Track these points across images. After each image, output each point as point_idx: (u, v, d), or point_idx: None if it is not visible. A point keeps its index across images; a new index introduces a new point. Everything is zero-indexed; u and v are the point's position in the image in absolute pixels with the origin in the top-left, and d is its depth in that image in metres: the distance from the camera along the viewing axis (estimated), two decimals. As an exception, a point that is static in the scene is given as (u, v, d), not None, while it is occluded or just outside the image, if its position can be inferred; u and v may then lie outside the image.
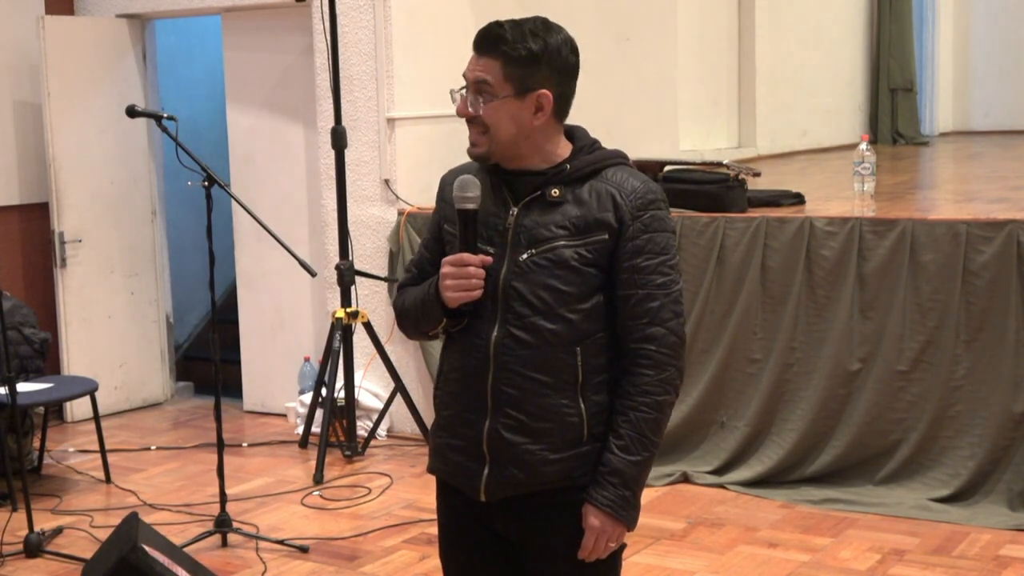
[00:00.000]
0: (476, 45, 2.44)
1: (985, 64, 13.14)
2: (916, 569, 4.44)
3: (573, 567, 2.49)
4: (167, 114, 4.76)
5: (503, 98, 2.40)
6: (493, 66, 2.40)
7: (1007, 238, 4.92)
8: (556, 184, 2.44)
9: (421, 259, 2.61)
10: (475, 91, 2.43)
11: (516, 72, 2.40)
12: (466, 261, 2.37)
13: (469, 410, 2.47)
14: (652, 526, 4.91)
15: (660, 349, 2.41)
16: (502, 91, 2.40)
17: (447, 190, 2.55)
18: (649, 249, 2.41)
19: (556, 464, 2.43)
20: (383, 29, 6.23)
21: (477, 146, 2.46)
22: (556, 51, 2.43)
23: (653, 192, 2.44)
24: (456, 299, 2.38)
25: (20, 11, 6.86)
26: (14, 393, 4.83)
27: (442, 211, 2.57)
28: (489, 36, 2.42)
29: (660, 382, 2.42)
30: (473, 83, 2.43)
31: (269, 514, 5.27)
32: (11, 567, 4.68)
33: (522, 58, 2.40)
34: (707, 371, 5.51)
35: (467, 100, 2.45)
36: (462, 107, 2.46)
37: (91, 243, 6.92)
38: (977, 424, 5.02)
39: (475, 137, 2.46)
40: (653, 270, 2.41)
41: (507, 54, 2.39)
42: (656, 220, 2.42)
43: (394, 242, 6.29)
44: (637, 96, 7.99)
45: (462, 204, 2.40)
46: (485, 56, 2.42)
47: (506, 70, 2.40)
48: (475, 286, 2.37)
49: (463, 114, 2.46)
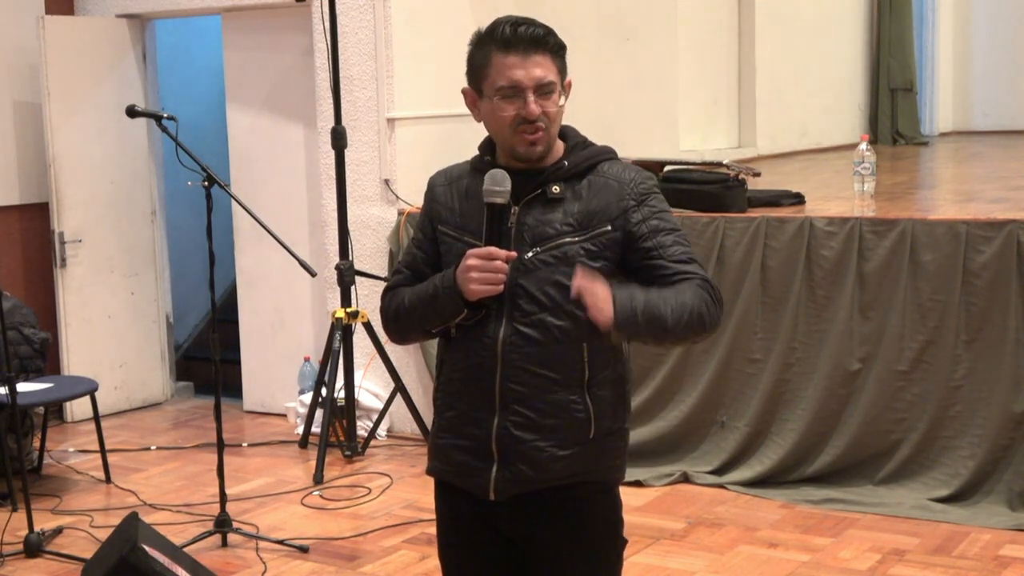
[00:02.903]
0: (518, 46, 2.40)
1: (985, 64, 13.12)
2: (916, 569, 4.44)
3: (577, 565, 2.50)
4: (167, 114, 4.76)
5: (560, 92, 2.45)
6: (548, 63, 2.43)
7: (1007, 238, 4.92)
8: (555, 181, 2.45)
9: (415, 259, 2.59)
10: (539, 92, 2.40)
11: (561, 64, 2.46)
12: (494, 255, 2.37)
13: (476, 409, 2.47)
14: (652, 526, 4.91)
15: (701, 283, 2.43)
16: (559, 86, 2.45)
17: (437, 191, 2.56)
18: (663, 228, 2.46)
19: (564, 460, 2.44)
20: (383, 29, 6.23)
21: (539, 144, 2.44)
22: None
23: (650, 179, 2.52)
24: (479, 292, 2.38)
25: (20, 11, 6.86)
26: (14, 393, 4.82)
27: (433, 212, 2.56)
28: (534, 34, 2.41)
29: (697, 292, 2.40)
30: (538, 85, 2.40)
31: (269, 514, 5.27)
32: (11, 567, 4.68)
33: (562, 49, 2.46)
34: (707, 371, 5.51)
35: (533, 101, 2.40)
36: (535, 108, 2.40)
37: (91, 243, 6.92)
38: (977, 424, 5.02)
39: (536, 136, 2.43)
40: (674, 241, 2.46)
41: (555, 48, 2.44)
42: (660, 202, 2.50)
43: (394, 242, 6.29)
44: (637, 96, 7.99)
45: (491, 198, 2.40)
46: (537, 54, 2.40)
47: (557, 64, 2.44)
48: (500, 280, 2.38)
49: (536, 114, 2.40)
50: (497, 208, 2.40)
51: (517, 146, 2.43)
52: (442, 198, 2.54)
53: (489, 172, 2.42)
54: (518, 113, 2.41)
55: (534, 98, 2.40)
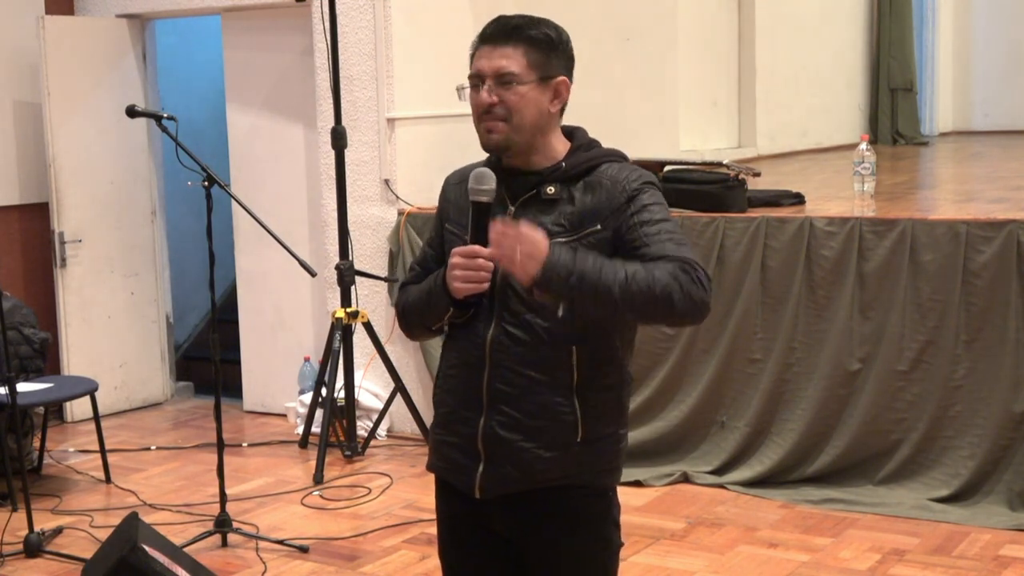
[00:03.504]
0: (491, 37, 2.42)
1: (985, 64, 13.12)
2: (916, 569, 4.44)
3: (572, 566, 2.50)
4: (167, 114, 4.76)
5: (529, 83, 2.40)
6: (515, 54, 2.40)
7: (1007, 238, 4.92)
8: (552, 182, 2.44)
9: (425, 257, 2.61)
10: (497, 81, 2.40)
11: (538, 58, 2.41)
12: (476, 253, 2.36)
13: (465, 407, 2.47)
14: (652, 526, 4.91)
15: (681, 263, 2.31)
16: (528, 77, 2.40)
17: (449, 190, 2.56)
18: (654, 221, 2.38)
19: (549, 462, 2.43)
20: (383, 29, 6.23)
21: (495, 132, 2.41)
22: (566, 40, 2.48)
23: (646, 176, 2.45)
24: (463, 290, 2.37)
25: (20, 11, 6.86)
26: (14, 393, 4.83)
27: (444, 210, 2.57)
28: (507, 26, 2.42)
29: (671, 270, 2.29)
30: (495, 74, 2.40)
31: (269, 514, 5.27)
32: (11, 567, 4.68)
33: (543, 43, 2.42)
34: (707, 371, 5.51)
35: (487, 90, 2.40)
36: (485, 96, 2.40)
37: (91, 243, 6.92)
38: (977, 424, 5.02)
39: (492, 124, 2.41)
40: (665, 232, 2.36)
41: (530, 39, 2.41)
42: (653, 198, 2.42)
43: (394, 242, 6.29)
44: (637, 96, 7.98)
45: (476, 196, 2.39)
46: (504, 45, 2.40)
47: (529, 56, 2.40)
48: (483, 279, 2.36)
49: (486, 103, 2.41)
50: (483, 207, 2.39)
51: (480, 136, 2.45)
52: (452, 196, 2.55)
53: (475, 171, 2.41)
54: (479, 102, 2.42)
55: (490, 86, 2.40)
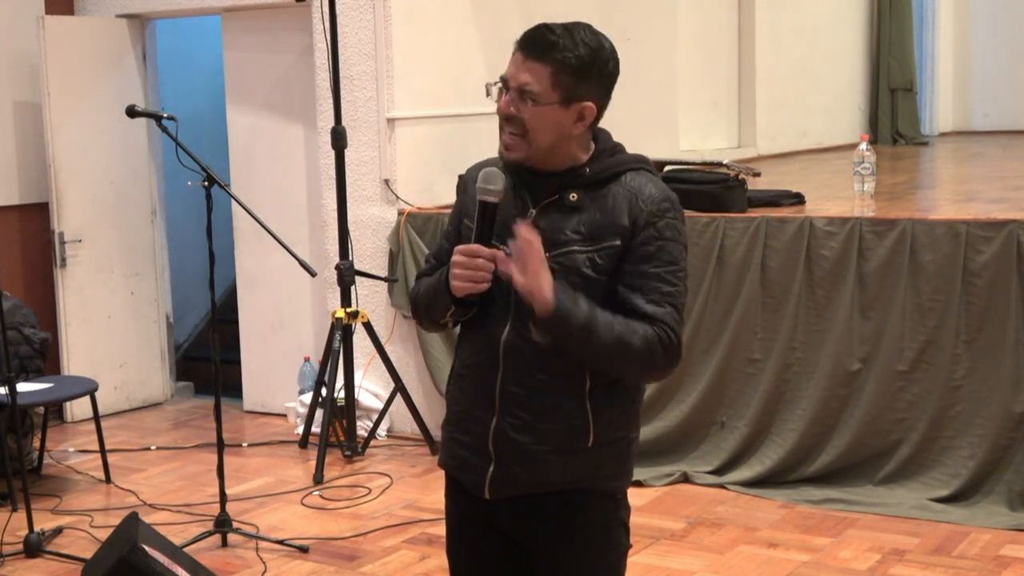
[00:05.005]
0: (524, 47, 2.36)
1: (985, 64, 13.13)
2: (916, 569, 4.44)
3: (579, 568, 2.50)
4: (167, 114, 4.76)
5: (548, 104, 2.35)
6: (542, 72, 2.33)
7: (1007, 238, 4.92)
8: (575, 188, 2.41)
9: (440, 250, 2.59)
10: (518, 94, 2.36)
11: (565, 81, 2.34)
12: (477, 253, 2.34)
13: (478, 407, 2.47)
14: (652, 526, 4.91)
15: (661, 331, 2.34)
16: (548, 98, 2.34)
17: (470, 184, 2.50)
18: (659, 257, 2.37)
19: (559, 465, 2.42)
20: (383, 29, 6.22)
21: (512, 150, 2.39)
22: (604, 63, 2.40)
23: (670, 200, 2.41)
24: (462, 289, 2.36)
25: (20, 11, 6.86)
26: (14, 393, 4.83)
27: (464, 203, 2.54)
28: (542, 41, 2.34)
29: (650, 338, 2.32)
30: (518, 87, 2.36)
31: (269, 514, 5.27)
32: (11, 567, 4.68)
33: (573, 67, 2.34)
34: (707, 371, 5.51)
35: (509, 99, 2.37)
36: (505, 106, 2.38)
37: (91, 243, 6.92)
38: (977, 424, 5.02)
39: (510, 140, 2.38)
40: (660, 278, 2.36)
41: (559, 61, 2.33)
42: (670, 228, 2.39)
43: (394, 242, 6.28)
44: (637, 96, 7.98)
45: (483, 196, 2.36)
46: (534, 60, 2.34)
47: (555, 78, 2.33)
48: (483, 278, 2.35)
49: (505, 113, 2.38)
50: (489, 207, 2.37)
51: (500, 145, 2.42)
52: (470, 190, 2.50)
53: (483, 170, 2.39)
54: (500, 108, 2.41)
55: (512, 96, 2.37)
